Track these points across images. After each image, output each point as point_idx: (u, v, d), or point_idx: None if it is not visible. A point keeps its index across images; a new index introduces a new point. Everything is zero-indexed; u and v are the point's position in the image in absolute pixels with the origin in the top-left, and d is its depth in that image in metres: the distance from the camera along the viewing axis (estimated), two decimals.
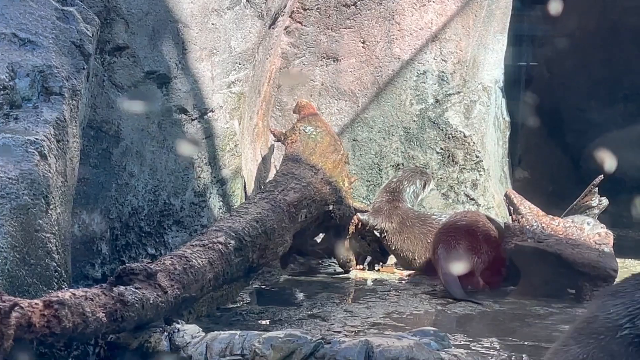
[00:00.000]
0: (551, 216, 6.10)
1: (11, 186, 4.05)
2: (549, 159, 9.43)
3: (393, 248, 6.64)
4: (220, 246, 4.98)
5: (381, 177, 7.29)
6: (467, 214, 6.41)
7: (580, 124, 9.42)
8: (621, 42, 9.35)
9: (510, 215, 6.23)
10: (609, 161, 6.31)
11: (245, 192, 6.57)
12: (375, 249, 6.75)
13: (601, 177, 6.37)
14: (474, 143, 7.36)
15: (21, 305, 3.30)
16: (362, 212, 6.65)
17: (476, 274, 6.02)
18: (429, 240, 6.45)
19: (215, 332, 4.01)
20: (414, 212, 6.73)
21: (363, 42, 7.36)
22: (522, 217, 6.07)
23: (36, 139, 4.27)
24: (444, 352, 3.81)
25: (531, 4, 9.37)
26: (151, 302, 4.02)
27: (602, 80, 9.44)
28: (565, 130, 9.46)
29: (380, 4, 7.32)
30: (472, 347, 4.62)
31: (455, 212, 6.57)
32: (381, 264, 6.76)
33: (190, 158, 6.20)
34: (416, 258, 6.58)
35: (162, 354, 3.96)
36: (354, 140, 7.35)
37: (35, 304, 3.38)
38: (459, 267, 5.87)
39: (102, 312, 3.66)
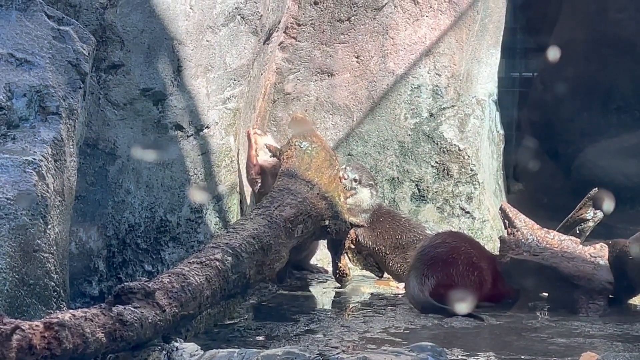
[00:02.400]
0: (546, 229, 6.11)
1: (9, 207, 4.08)
2: (543, 171, 9.45)
3: (370, 244, 6.70)
4: (217, 263, 4.99)
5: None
6: (447, 238, 6.03)
7: (574, 136, 9.45)
8: (614, 53, 9.39)
9: (505, 228, 6.24)
10: (607, 203, 6.30)
11: (242, 208, 6.59)
12: (371, 263, 6.77)
13: (596, 189, 6.38)
14: (468, 156, 7.38)
15: (22, 327, 3.31)
16: (358, 226, 6.68)
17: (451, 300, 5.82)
18: (397, 237, 6.62)
19: (214, 350, 4.02)
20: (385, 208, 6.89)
21: (357, 57, 7.38)
22: (517, 231, 6.08)
23: (34, 159, 4.30)
24: None
25: (524, 17, 9.42)
26: (150, 321, 4.04)
27: (595, 91, 9.47)
28: (559, 142, 9.49)
29: (374, 19, 7.35)
30: None
31: (435, 235, 6.23)
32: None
33: (187, 175, 6.22)
34: (388, 253, 6.66)
35: None
36: (349, 154, 7.36)
37: (36, 325, 3.40)
38: (429, 303, 5.78)
39: (102, 333, 3.67)
